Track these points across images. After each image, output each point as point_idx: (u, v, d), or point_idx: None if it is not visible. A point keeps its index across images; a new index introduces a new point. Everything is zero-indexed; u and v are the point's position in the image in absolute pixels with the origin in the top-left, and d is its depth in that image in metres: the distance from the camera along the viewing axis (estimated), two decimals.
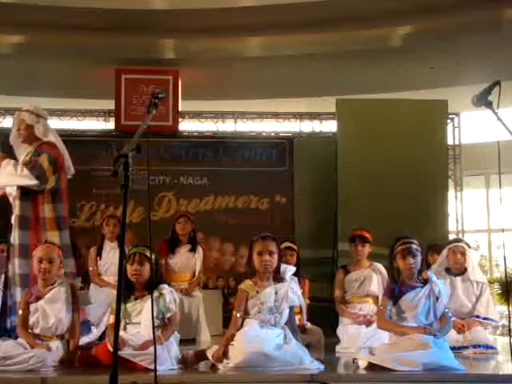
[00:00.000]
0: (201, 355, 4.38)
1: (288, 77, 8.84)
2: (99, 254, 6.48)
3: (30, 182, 5.00)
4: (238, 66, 8.74)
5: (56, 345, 4.32)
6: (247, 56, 8.74)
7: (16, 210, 5.02)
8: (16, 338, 4.50)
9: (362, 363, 4.19)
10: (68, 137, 8.36)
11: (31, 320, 4.38)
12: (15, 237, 4.98)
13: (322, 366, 4.16)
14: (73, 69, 8.43)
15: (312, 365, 4.13)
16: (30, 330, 4.38)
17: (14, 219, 5.03)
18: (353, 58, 8.51)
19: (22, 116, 5.24)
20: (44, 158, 5.09)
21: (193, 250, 6.63)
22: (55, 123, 8.87)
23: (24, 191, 5.03)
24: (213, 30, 8.17)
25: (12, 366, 4.08)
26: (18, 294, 4.80)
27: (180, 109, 8.64)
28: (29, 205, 5.03)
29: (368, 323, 5.40)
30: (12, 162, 5.08)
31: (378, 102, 8.52)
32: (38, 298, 4.43)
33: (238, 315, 4.31)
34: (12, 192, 5.12)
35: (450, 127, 8.86)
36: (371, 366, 4.10)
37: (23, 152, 5.22)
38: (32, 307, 4.41)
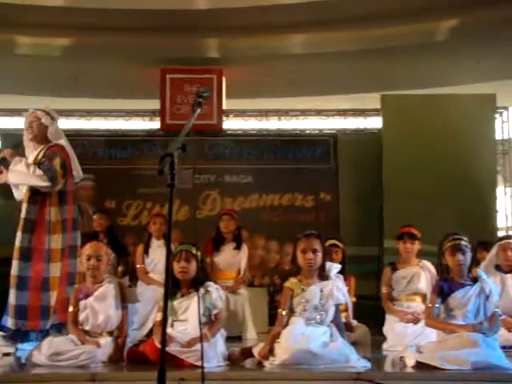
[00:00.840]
0: (247, 352, 4.39)
1: (332, 73, 8.79)
2: (146, 252, 6.56)
3: (43, 183, 5.02)
4: (281, 64, 8.72)
5: (105, 341, 4.38)
6: (290, 53, 8.71)
7: (22, 213, 5.03)
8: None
9: (410, 361, 4.15)
10: (114, 137, 8.57)
11: (81, 317, 4.46)
12: (16, 239, 4.97)
13: (368, 364, 4.13)
14: (118, 70, 8.54)
15: (358, 363, 4.11)
16: (80, 327, 4.46)
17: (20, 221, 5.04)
18: (398, 54, 8.41)
19: (38, 115, 5.26)
20: (57, 161, 5.11)
21: (238, 247, 6.66)
22: (101, 123, 9.03)
23: (33, 193, 5.05)
24: (255, 28, 8.17)
25: (63, 361, 4.16)
26: (12, 296, 4.83)
27: (224, 107, 8.67)
28: (35, 208, 5.04)
29: (415, 321, 5.35)
30: (24, 160, 5.09)
31: (423, 98, 8.40)
32: (87, 295, 4.50)
33: (284, 313, 4.31)
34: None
35: (498, 122, 8.70)
36: (419, 365, 4.06)
37: (32, 151, 5.23)
38: (81, 304, 4.48)
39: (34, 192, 5.04)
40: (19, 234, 4.95)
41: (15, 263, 4.86)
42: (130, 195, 8.21)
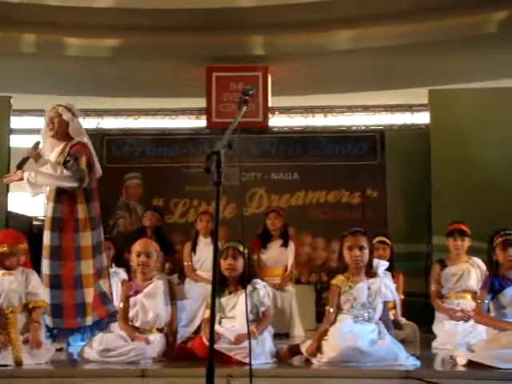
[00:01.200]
0: (295, 350, 4.40)
1: (378, 69, 8.70)
2: (193, 249, 6.61)
3: (71, 184, 4.98)
4: (326, 60, 8.67)
5: (155, 338, 4.44)
6: (336, 49, 8.65)
7: (48, 212, 5.00)
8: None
9: (460, 360, 4.09)
10: (161, 136, 8.66)
11: (131, 313, 4.52)
12: (44, 238, 4.93)
13: (417, 363, 4.09)
14: (165, 69, 8.62)
15: (407, 361, 4.07)
16: (130, 323, 4.52)
17: (46, 220, 5.02)
18: (446, 47, 8.27)
19: (59, 110, 5.19)
20: (83, 160, 5.07)
21: (284, 244, 6.66)
22: (149, 123, 9.13)
23: (59, 193, 5.01)
24: (301, 24, 8.14)
25: (113, 357, 4.24)
26: (47, 295, 4.75)
27: (270, 105, 8.67)
28: (62, 206, 5.00)
29: (466, 319, 5.27)
30: (49, 161, 5.06)
31: (472, 92, 8.26)
32: (137, 292, 4.56)
33: (331, 310, 4.30)
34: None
35: None
36: (470, 364, 4.00)
37: (51, 147, 5.19)
38: (131, 301, 4.54)
39: (60, 191, 5.00)
40: (48, 233, 4.92)
41: (46, 262, 4.84)
42: (178, 193, 8.27)
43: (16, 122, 8.58)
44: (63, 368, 4.23)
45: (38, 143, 5.16)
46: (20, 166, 5.01)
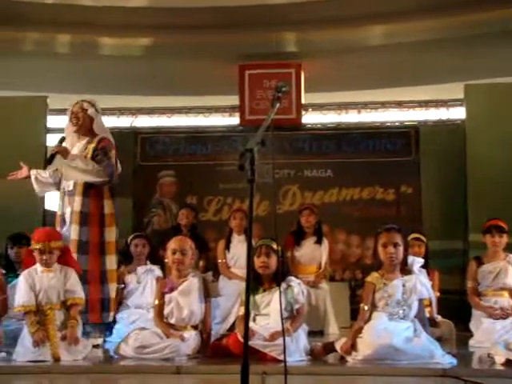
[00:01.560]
0: (329, 347, 4.38)
1: (412, 64, 8.61)
2: (227, 247, 6.63)
3: (102, 178, 5.04)
4: (360, 56, 8.61)
5: (190, 335, 4.45)
6: (369, 45, 8.59)
7: (75, 206, 5.00)
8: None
9: (499, 358, 4.03)
10: (195, 133, 8.70)
11: (166, 310, 4.55)
12: (72, 233, 4.97)
13: (454, 361, 4.04)
14: (198, 67, 8.65)
15: (444, 359, 4.03)
16: (165, 320, 4.55)
17: (70, 214, 5.03)
18: (481, 41, 8.16)
19: (85, 106, 5.24)
20: (113, 155, 5.16)
21: (318, 242, 6.64)
22: (182, 120, 9.18)
23: (87, 187, 5.04)
24: (333, 20, 8.11)
25: (149, 354, 4.27)
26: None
27: (303, 101, 8.65)
28: (90, 201, 5.04)
29: (504, 317, 5.19)
30: (78, 156, 5.08)
31: (508, 86, 8.13)
32: (172, 289, 4.58)
33: (366, 308, 4.28)
34: (64, 186, 5.14)
35: None
36: (508, 362, 3.94)
37: (72, 144, 5.21)
38: (166, 298, 4.57)
39: (87, 185, 5.04)
40: (76, 227, 4.97)
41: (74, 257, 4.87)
42: (211, 191, 8.31)
43: (52, 121, 8.70)
44: (100, 364, 4.29)
45: (63, 138, 5.20)
46: (50, 162, 5.06)
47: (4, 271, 4.83)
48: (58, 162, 5.14)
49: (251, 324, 4.28)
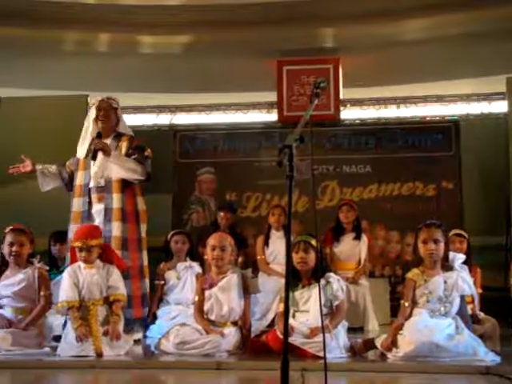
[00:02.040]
0: (369, 344, 4.36)
1: (453, 57, 8.49)
2: (266, 243, 6.63)
3: (142, 177, 5.12)
4: (399, 50, 8.52)
5: (229, 331, 4.48)
6: (409, 39, 8.50)
7: (114, 203, 5.04)
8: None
9: None
10: (234, 130, 8.72)
11: (206, 306, 4.58)
12: (115, 230, 5.01)
13: (497, 358, 3.99)
14: (236, 63, 8.66)
15: (487, 356, 3.98)
16: (205, 316, 4.58)
17: (105, 211, 5.04)
18: None
19: (114, 104, 5.24)
20: (149, 153, 5.21)
21: (357, 238, 6.60)
22: (221, 117, 9.21)
23: (123, 185, 5.08)
24: (372, 15, 8.03)
25: (189, 350, 4.31)
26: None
27: (341, 97, 8.60)
28: (126, 198, 5.09)
29: None
30: (119, 154, 5.08)
31: None
32: (212, 286, 4.61)
33: (406, 304, 4.25)
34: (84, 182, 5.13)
35: None
36: None
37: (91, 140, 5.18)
38: (206, 294, 4.60)
39: (124, 183, 5.10)
40: (118, 224, 5.02)
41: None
42: (250, 187, 8.32)
43: None
44: (141, 360, 4.34)
45: (100, 133, 5.20)
46: (94, 158, 5.10)
47: (47, 268, 4.92)
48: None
49: (290, 320, 4.28)
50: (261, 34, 8.16)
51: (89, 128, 5.24)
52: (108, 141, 5.19)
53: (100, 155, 5.10)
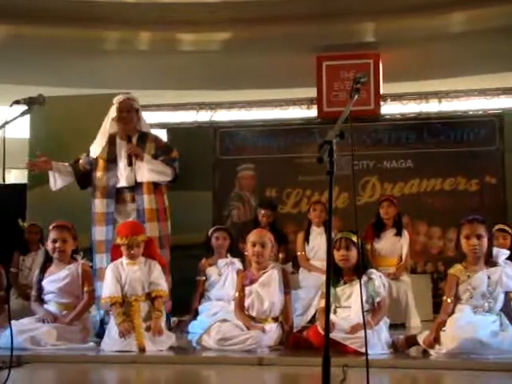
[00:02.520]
0: (411, 340, 4.33)
1: (495, 50, 8.34)
2: (306, 239, 6.62)
3: (171, 178, 5.19)
4: (440, 44, 8.42)
5: (270, 327, 4.49)
6: (450, 32, 8.39)
7: (147, 204, 5.08)
8: None
9: None
10: (273, 126, 8.72)
11: (247, 302, 4.59)
12: (152, 230, 5.06)
13: None
14: (276, 59, 8.66)
15: None
16: (246, 312, 4.60)
17: (137, 212, 5.09)
18: None
19: (136, 105, 5.22)
20: (176, 154, 5.24)
21: (398, 234, 6.55)
22: (261, 114, 9.23)
23: (154, 185, 5.14)
24: (413, 8, 7.94)
25: (231, 346, 4.33)
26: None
27: (381, 92, 8.53)
28: (157, 198, 5.16)
29: None
30: (150, 158, 5.10)
31: None
32: (252, 282, 4.62)
33: (449, 300, 4.20)
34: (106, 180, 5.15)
35: None
36: None
37: (114, 141, 5.20)
38: (247, 290, 4.62)
39: (155, 183, 5.17)
40: (155, 224, 5.09)
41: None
42: (290, 183, 8.32)
43: None
44: (183, 355, 4.37)
45: (130, 137, 5.21)
46: (130, 164, 5.13)
47: (91, 264, 5.00)
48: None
49: (332, 316, 4.27)
50: (300, 30, 8.15)
51: (107, 127, 5.26)
52: (133, 141, 5.20)
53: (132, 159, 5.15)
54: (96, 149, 5.27)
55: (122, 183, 5.17)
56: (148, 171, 5.10)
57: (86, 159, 5.34)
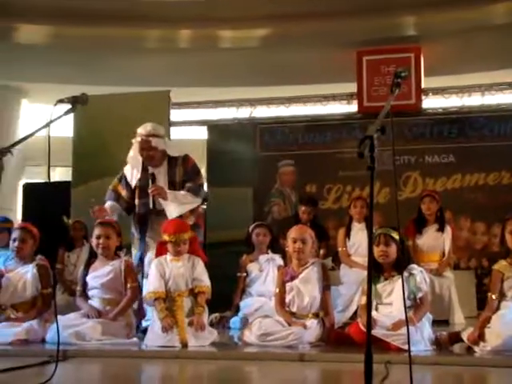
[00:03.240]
0: (455, 337, 4.28)
1: None
2: (347, 235, 6.59)
3: (200, 202, 5.28)
4: (483, 36, 8.29)
5: (311, 323, 4.49)
6: (492, 24, 8.26)
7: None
8: None
9: None
10: (314, 122, 8.70)
11: (287, 298, 4.60)
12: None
13: None
14: (315, 55, 8.65)
15: None
16: (286, 308, 4.61)
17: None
18: None
19: (154, 142, 5.18)
20: (203, 179, 5.37)
21: (440, 229, 6.48)
22: (300, 110, 9.21)
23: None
24: (454, 0, 7.85)
25: (272, 341, 4.34)
26: None
27: (423, 86, 8.44)
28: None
29: None
30: (174, 192, 5.11)
31: None
32: (293, 278, 4.63)
33: (494, 297, 4.15)
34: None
35: None
36: None
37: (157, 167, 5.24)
38: (287, 286, 4.62)
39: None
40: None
41: None
42: (331, 179, 8.29)
43: (175, 114, 8.98)
44: (225, 350, 4.40)
45: (154, 175, 5.22)
46: (154, 205, 5.15)
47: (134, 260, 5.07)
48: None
49: (373, 313, 4.25)
50: (340, 25, 8.12)
51: (136, 158, 5.30)
52: (162, 169, 5.25)
53: (162, 183, 5.19)
54: (132, 178, 5.32)
55: (156, 207, 5.21)
56: (175, 207, 5.10)
57: (122, 185, 5.36)
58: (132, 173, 5.33)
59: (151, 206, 5.17)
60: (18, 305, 4.84)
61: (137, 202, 5.30)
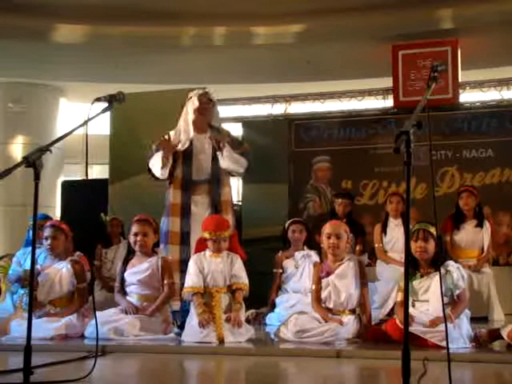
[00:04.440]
0: (494, 334, 4.22)
1: None
2: (384, 231, 6.55)
3: (244, 170, 5.18)
4: None
5: (348, 319, 4.48)
6: None
7: (225, 195, 5.10)
8: None
9: None
10: (349, 117, 8.65)
11: (323, 295, 4.59)
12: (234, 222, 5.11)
13: None
14: (350, 50, 8.60)
15: None
16: (323, 305, 4.60)
17: (212, 204, 5.06)
18: None
19: (214, 99, 5.22)
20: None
21: (479, 225, 6.40)
22: (335, 105, 9.17)
23: (228, 178, 5.18)
24: None
25: (308, 338, 4.34)
26: None
27: (460, 80, 8.33)
28: (229, 190, 5.19)
29: None
30: (229, 147, 5.05)
31: None
32: (329, 274, 4.62)
33: None
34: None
35: None
36: None
37: (189, 135, 5.15)
38: (323, 282, 4.61)
39: (228, 176, 5.20)
40: (231, 219, 5.05)
41: None
42: (366, 175, 8.24)
43: None
44: (261, 347, 4.41)
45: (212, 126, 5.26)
46: (216, 152, 5.17)
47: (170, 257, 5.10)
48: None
49: (410, 310, 4.21)
50: (375, 20, 8.05)
51: (189, 119, 5.23)
52: (207, 135, 5.18)
53: (206, 150, 5.15)
54: (183, 141, 5.20)
55: (199, 176, 5.17)
56: (226, 159, 5.06)
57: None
58: (185, 135, 5.20)
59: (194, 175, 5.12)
60: (55, 300, 4.92)
61: (179, 166, 5.15)
